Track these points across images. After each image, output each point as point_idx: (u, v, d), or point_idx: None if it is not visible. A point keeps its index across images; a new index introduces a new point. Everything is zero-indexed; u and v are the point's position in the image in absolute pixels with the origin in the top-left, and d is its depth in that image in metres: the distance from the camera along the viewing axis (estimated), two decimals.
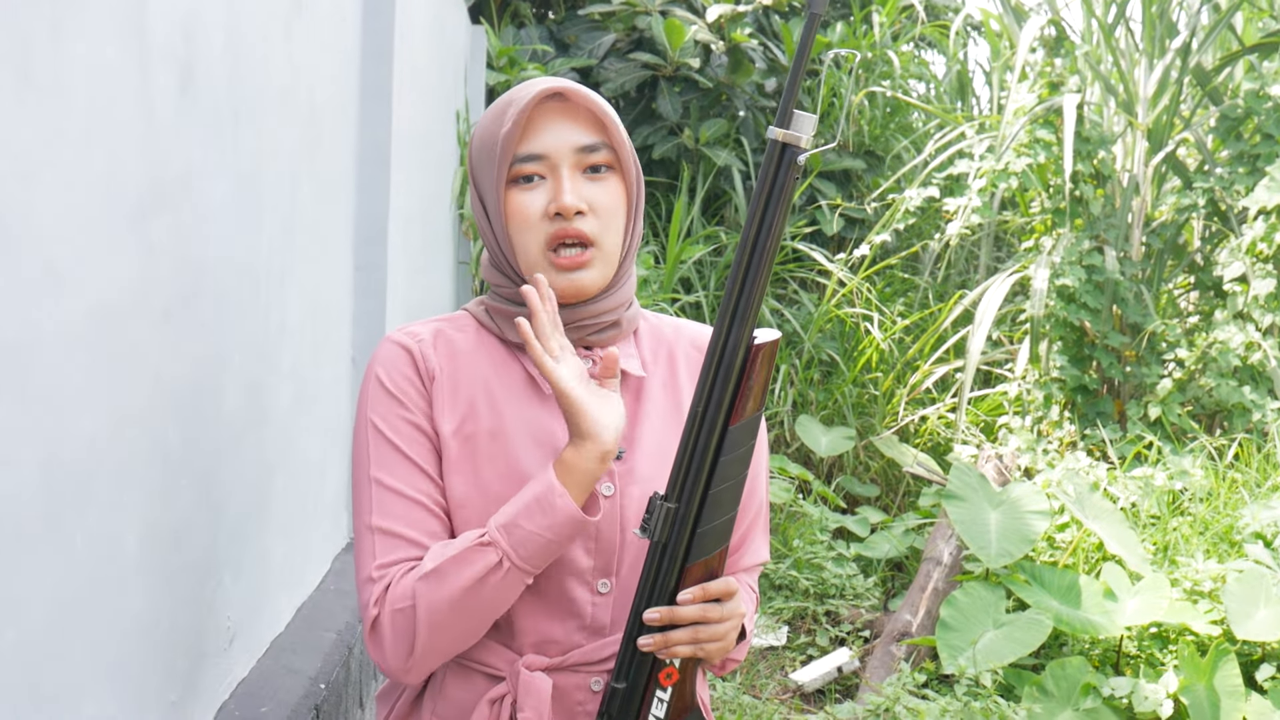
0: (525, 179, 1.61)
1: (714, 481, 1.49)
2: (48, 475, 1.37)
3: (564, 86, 1.61)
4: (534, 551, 1.52)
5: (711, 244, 6.40)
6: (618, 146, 1.63)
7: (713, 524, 1.50)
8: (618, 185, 1.64)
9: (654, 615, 1.50)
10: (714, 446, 1.49)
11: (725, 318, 1.47)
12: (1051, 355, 5.66)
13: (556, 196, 1.60)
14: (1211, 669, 3.87)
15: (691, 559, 1.50)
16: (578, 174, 1.62)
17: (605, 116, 1.62)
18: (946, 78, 8.06)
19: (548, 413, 1.64)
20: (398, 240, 3.42)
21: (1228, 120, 5.60)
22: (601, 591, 1.63)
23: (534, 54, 6.36)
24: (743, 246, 1.46)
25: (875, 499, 5.80)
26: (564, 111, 1.62)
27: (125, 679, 1.64)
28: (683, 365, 1.74)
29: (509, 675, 1.61)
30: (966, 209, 5.73)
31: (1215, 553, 4.48)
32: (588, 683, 1.62)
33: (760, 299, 1.46)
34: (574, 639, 1.63)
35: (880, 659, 4.31)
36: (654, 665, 1.52)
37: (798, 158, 1.43)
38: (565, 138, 1.61)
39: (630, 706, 1.52)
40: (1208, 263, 5.94)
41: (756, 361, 1.47)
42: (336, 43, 2.89)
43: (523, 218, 1.61)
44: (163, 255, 1.70)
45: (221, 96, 1.96)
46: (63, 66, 1.36)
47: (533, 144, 1.61)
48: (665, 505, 1.49)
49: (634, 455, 1.65)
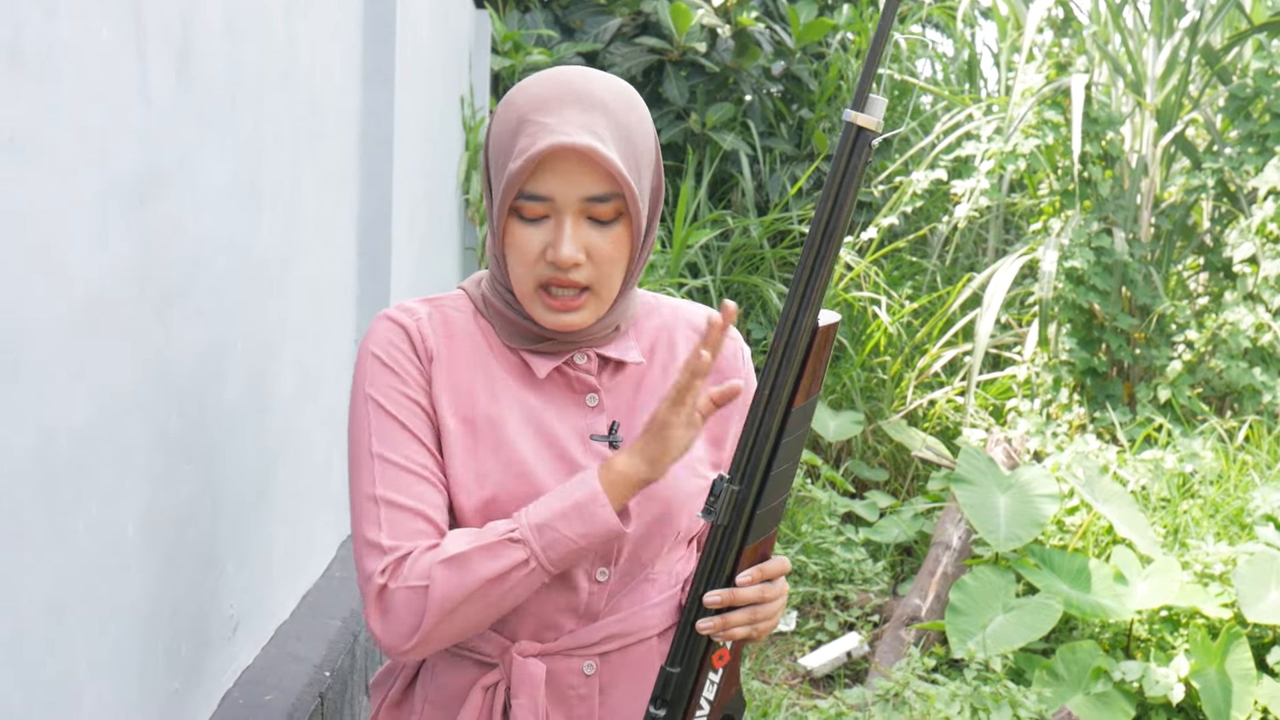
0: (529, 215, 1.54)
1: (775, 463, 1.48)
2: (46, 464, 1.36)
3: (584, 146, 1.50)
4: (563, 555, 1.51)
5: (718, 228, 6.38)
6: (629, 196, 1.53)
7: (770, 505, 1.50)
8: (623, 233, 1.56)
9: (715, 598, 1.50)
10: (777, 428, 1.47)
11: (795, 300, 1.45)
12: (1060, 338, 5.64)
13: (555, 244, 1.53)
14: (1223, 652, 3.85)
15: (749, 541, 1.50)
16: (581, 220, 1.54)
17: (620, 173, 1.52)
18: (954, 60, 8.03)
19: (542, 400, 1.62)
20: (402, 226, 3.41)
21: (1237, 100, 5.57)
22: (599, 580, 1.62)
23: (539, 39, 6.33)
24: (815, 229, 1.43)
25: (884, 483, 5.79)
26: (580, 160, 1.51)
27: (128, 667, 1.63)
28: (681, 349, 1.71)
29: (501, 662, 1.60)
30: (974, 191, 5.70)
31: (1226, 535, 4.46)
32: (580, 666, 1.62)
33: (828, 281, 1.45)
34: (567, 624, 1.62)
35: (889, 644, 4.30)
36: (708, 648, 1.52)
37: (873, 141, 1.42)
38: (575, 187, 1.52)
39: (684, 690, 1.52)
40: (1217, 244, 5.91)
41: (821, 343, 1.47)
42: (338, 26, 2.87)
43: (520, 252, 1.55)
44: (161, 242, 1.69)
45: (220, 81, 1.94)
46: (56, 50, 1.34)
47: (539, 184, 1.52)
48: (730, 488, 1.48)
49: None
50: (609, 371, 1.66)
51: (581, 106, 1.53)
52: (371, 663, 2.76)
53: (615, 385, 1.66)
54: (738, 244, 6.40)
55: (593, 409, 1.64)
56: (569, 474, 1.59)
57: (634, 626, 1.65)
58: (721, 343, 1.50)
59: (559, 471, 1.59)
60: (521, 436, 1.60)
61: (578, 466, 1.60)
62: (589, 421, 1.63)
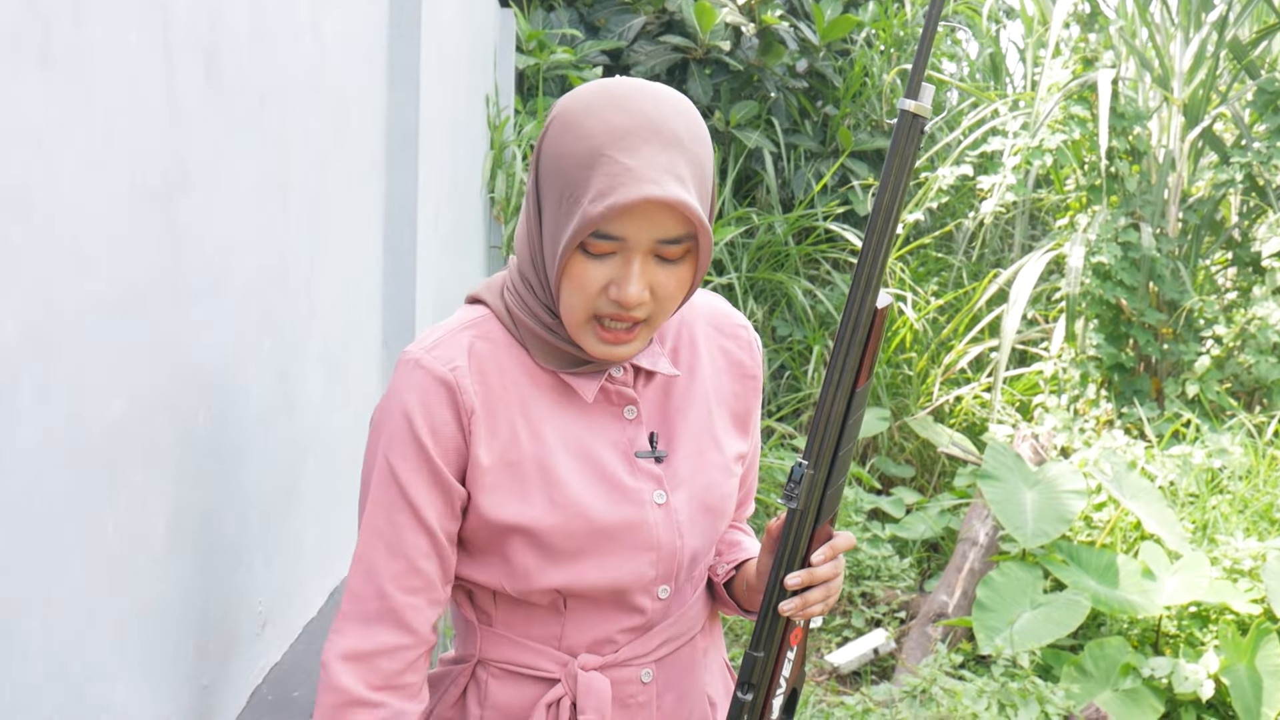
0: (596, 252, 1.49)
1: (842, 443, 1.52)
2: (77, 461, 1.37)
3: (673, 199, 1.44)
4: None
5: (743, 225, 6.38)
6: (701, 234, 1.49)
7: (837, 485, 1.54)
8: (688, 270, 1.52)
9: (796, 580, 1.54)
10: (844, 409, 1.51)
11: (859, 284, 1.47)
12: (1088, 333, 5.62)
13: (621, 284, 1.48)
14: (1253, 649, 3.84)
15: (820, 521, 1.54)
16: (650, 259, 1.49)
17: (697, 216, 1.46)
18: (979, 56, 8.00)
19: (582, 421, 1.60)
20: (427, 224, 3.42)
21: (1265, 94, 5.54)
22: (661, 597, 1.63)
23: (563, 37, 6.34)
24: (875, 213, 1.46)
25: (910, 480, 5.78)
26: (662, 206, 1.45)
27: (158, 663, 1.64)
28: (704, 348, 1.71)
29: (564, 677, 1.60)
30: (1001, 187, 5.69)
31: (1255, 531, 4.44)
32: (638, 675, 1.63)
33: (886, 264, 1.48)
34: (626, 637, 1.63)
35: (916, 640, 4.29)
36: (786, 628, 1.57)
37: (924, 127, 1.45)
38: (650, 230, 1.47)
39: (767, 671, 1.57)
40: (1245, 238, 5.87)
41: (880, 325, 1.51)
42: (364, 26, 2.88)
43: (580, 285, 1.50)
44: (189, 240, 1.70)
45: (247, 81, 1.95)
46: (84, 51, 1.36)
47: (614, 227, 1.46)
48: (809, 473, 1.52)
49: (675, 458, 1.63)
50: (641, 380, 1.65)
51: (661, 143, 1.46)
52: None
53: (648, 394, 1.65)
54: (762, 241, 6.40)
55: (631, 421, 1.62)
56: (618, 499, 1.58)
57: (683, 629, 1.67)
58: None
59: (609, 498, 1.58)
60: (570, 471, 1.57)
61: (626, 489, 1.59)
62: (629, 435, 1.62)
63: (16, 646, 1.25)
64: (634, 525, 1.58)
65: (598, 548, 1.57)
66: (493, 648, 1.62)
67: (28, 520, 1.26)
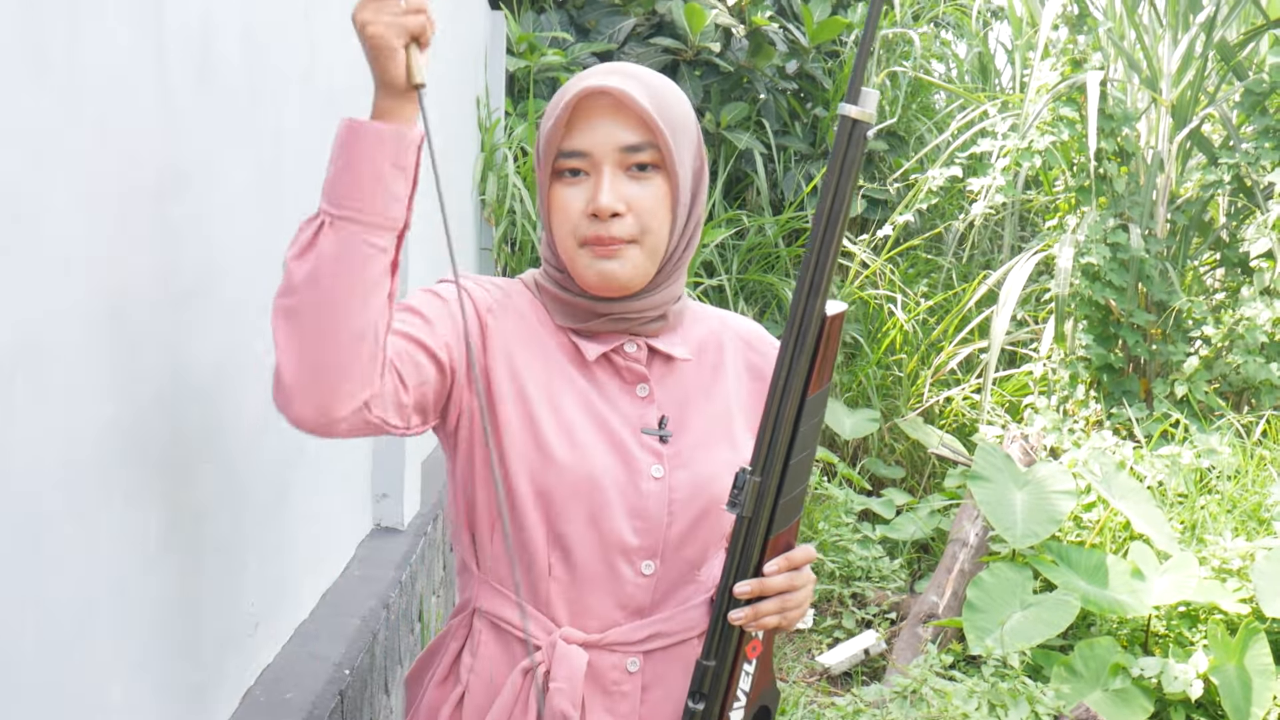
0: (570, 173, 1.61)
1: (794, 451, 1.50)
2: (71, 462, 1.37)
3: (610, 86, 1.58)
4: (344, 188, 1.43)
5: (734, 227, 6.38)
6: (664, 145, 1.59)
7: (792, 494, 1.52)
8: (662, 185, 1.61)
9: (745, 588, 1.51)
10: (794, 417, 1.49)
11: (803, 290, 1.47)
12: (1077, 334, 5.64)
13: (594, 195, 1.58)
14: (1242, 648, 3.85)
15: (773, 531, 1.52)
16: (620, 172, 1.60)
17: (651, 117, 1.58)
18: (968, 57, 8.02)
19: (594, 386, 1.65)
20: (419, 224, 3.42)
21: (1253, 95, 5.56)
22: (645, 573, 1.64)
23: (554, 40, 6.34)
24: (818, 220, 1.46)
25: (900, 481, 5.79)
26: (611, 109, 1.59)
27: (152, 664, 1.64)
28: (730, 356, 1.74)
29: (545, 645, 1.62)
30: (990, 188, 5.70)
31: (1243, 530, 4.45)
32: (624, 663, 1.64)
33: (833, 270, 1.48)
34: (613, 616, 1.63)
35: (907, 641, 4.30)
36: (740, 639, 1.54)
37: (866, 132, 1.45)
38: (609, 136, 1.59)
39: (720, 682, 1.54)
40: (1233, 239, 5.90)
41: (831, 332, 1.49)
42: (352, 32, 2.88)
43: (563, 212, 1.61)
44: (182, 242, 1.70)
45: (240, 82, 1.95)
46: (78, 54, 1.36)
47: (576, 140, 1.59)
48: (753, 479, 1.50)
49: (681, 440, 1.66)
50: (658, 364, 1.69)
51: (616, 71, 1.61)
52: (391, 661, 2.78)
53: (664, 380, 1.69)
54: (753, 243, 6.41)
55: (643, 399, 1.66)
56: (624, 465, 1.62)
57: (679, 625, 1.67)
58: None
59: (615, 463, 1.62)
60: (580, 419, 1.62)
61: (632, 457, 1.62)
62: (640, 412, 1.66)
63: (13, 648, 1.25)
64: (625, 490, 1.61)
65: (590, 500, 1.60)
66: (488, 598, 1.65)
67: (23, 522, 1.26)
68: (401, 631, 2.92)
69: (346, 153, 1.44)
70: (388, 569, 2.90)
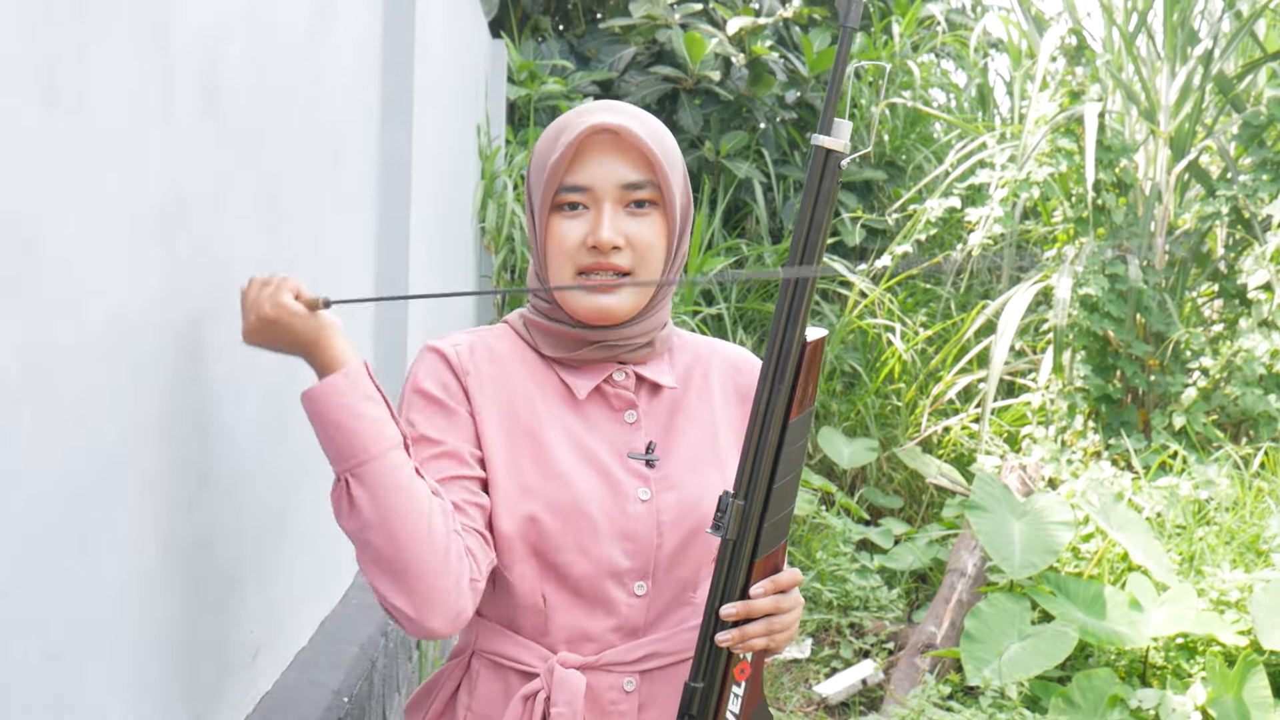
0: (569, 206, 1.65)
1: (777, 475, 1.54)
2: (74, 488, 1.38)
3: (616, 124, 1.63)
4: (340, 447, 1.56)
5: (733, 255, 6.40)
6: (663, 183, 1.66)
7: (777, 518, 1.56)
8: (659, 221, 1.67)
9: (731, 610, 1.54)
10: (777, 441, 1.53)
11: (781, 318, 1.52)
12: (1075, 365, 5.64)
13: (595, 230, 1.63)
14: (1240, 680, 3.85)
15: (759, 554, 1.55)
16: (619, 209, 1.65)
17: (653, 155, 1.64)
18: (967, 88, 8.06)
19: (582, 419, 1.68)
20: (419, 254, 3.43)
21: (1250, 127, 5.59)
22: (638, 594, 1.66)
23: (554, 68, 6.37)
24: (794, 248, 1.50)
25: (899, 510, 5.79)
26: (613, 145, 1.64)
27: (149, 691, 1.64)
28: (716, 381, 1.78)
29: (543, 672, 1.64)
30: (988, 219, 5.72)
31: (1242, 562, 4.45)
32: (621, 683, 1.66)
33: (811, 297, 1.52)
34: (608, 639, 1.66)
35: (904, 671, 4.30)
36: (728, 661, 1.56)
37: (840, 162, 1.49)
38: (611, 172, 1.64)
39: (709, 704, 1.57)
40: (1231, 270, 5.91)
41: (811, 357, 1.53)
42: (358, 58, 2.90)
43: (561, 245, 1.65)
44: (187, 269, 1.71)
45: (244, 112, 1.97)
46: (88, 85, 1.37)
47: (579, 175, 1.64)
48: (736, 502, 1.54)
49: (669, 464, 1.69)
50: (646, 391, 1.72)
51: (616, 110, 1.67)
52: (389, 689, 2.77)
53: (652, 407, 1.72)
54: (754, 269, 6.42)
55: (631, 425, 1.70)
56: (610, 490, 1.65)
57: (675, 646, 1.69)
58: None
59: (600, 487, 1.65)
60: (562, 450, 1.65)
61: (618, 482, 1.65)
62: (628, 438, 1.69)
63: (16, 673, 1.25)
64: (612, 514, 1.64)
65: (577, 527, 1.63)
66: (486, 639, 1.68)
67: (27, 547, 1.27)
68: (400, 659, 2.92)
69: (322, 419, 1.56)
70: None
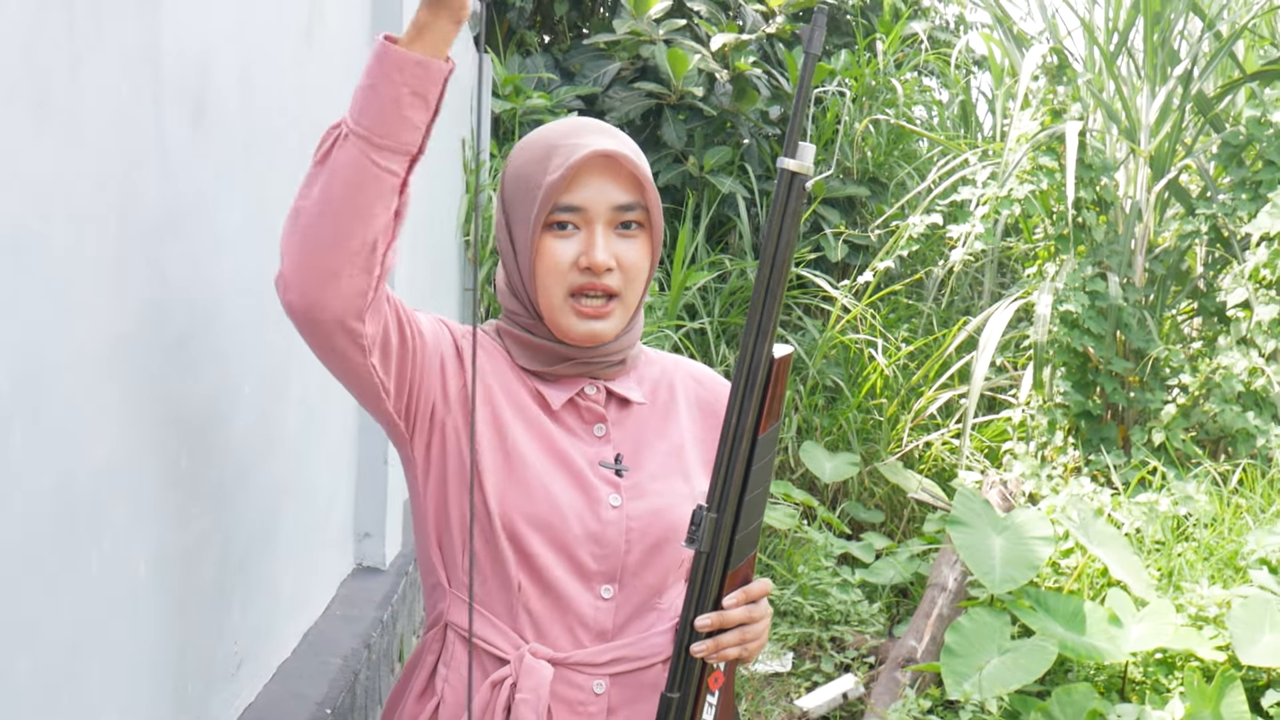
0: (560, 225, 1.67)
1: (748, 488, 1.57)
2: (62, 502, 1.39)
3: (613, 150, 1.66)
4: (364, 106, 1.50)
5: (716, 270, 6.42)
6: (651, 207, 1.70)
7: (748, 529, 1.59)
8: (645, 243, 1.72)
9: (705, 621, 1.58)
10: (747, 455, 1.56)
11: (751, 335, 1.55)
12: (1055, 381, 5.67)
13: (589, 251, 1.67)
14: (1218, 695, 3.87)
15: (731, 565, 1.58)
16: (610, 230, 1.68)
17: (645, 179, 1.69)
18: (949, 105, 8.10)
19: (556, 426, 1.72)
20: (403, 267, 3.44)
21: (1230, 147, 5.63)
22: (604, 597, 1.70)
23: (539, 82, 6.39)
24: (762, 269, 1.54)
25: (880, 525, 5.81)
26: (607, 168, 1.68)
27: (138, 704, 1.65)
28: (681, 395, 1.82)
29: (513, 659, 1.67)
30: (970, 235, 5.75)
31: (1220, 578, 4.48)
32: (590, 684, 1.69)
33: (778, 315, 1.55)
34: (578, 638, 1.70)
35: (885, 685, 4.31)
36: (703, 671, 1.60)
37: (806, 184, 1.52)
38: (605, 195, 1.68)
39: (684, 714, 1.59)
40: (1211, 288, 5.95)
41: (778, 373, 1.56)
42: (345, 72, 2.91)
43: (553, 264, 1.68)
44: (176, 284, 1.72)
45: (234, 127, 1.98)
46: (79, 100, 1.38)
47: (574, 196, 1.67)
48: (710, 516, 1.56)
49: (638, 475, 1.73)
50: (615, 406, 1.76)
51: (605, 132, 1.70)
52: (372, 701, 2.78)
53: (620, 421, 1.76)
54: (735, 286, 6.44)
55: (600, 439, 1.74)
56: (583, 493, 1.68)
57: (643, 651, 1.72)
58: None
59: (574, 484, 1.69)
60: (534, 453, 1.69)
61: (591, 486, 1.69)
62: (597, 450, 1.73)
63: (6, 686, 1.26)
64: (582, 514, 1.68)
65: (548, 521, 1.67)
66: (458, 613, 1.70)
67: (17, 561, 1.28)
68: (382, 671, 2.93)
69: (372, 72, 1.50)
70: (369, 609, 2.91)
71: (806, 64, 1.50)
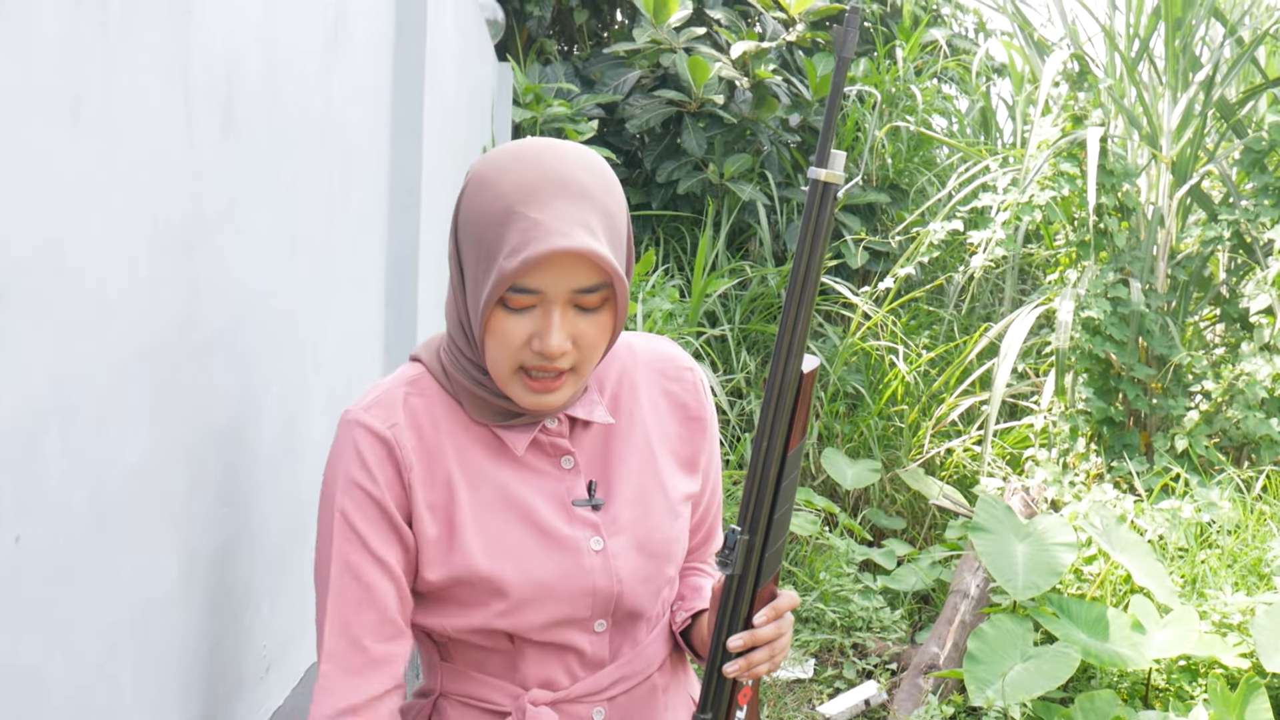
0: (514, 303, 1.55)
1: (777, 506, 1.54)
2: (98, 507, 1.40)
3: (579, 248, 1.50)
4: None
5: (736, 277, 6.43)
6: (616, 282, 1.55)
7: (775, 547, 1.56)
8: (608, 318, 1.59)
9: (738, 642, 1.56)
10: (775, 474, 1.53)
11: (781, 351, 1.50)
12: (1077, 387, 5.66)
13: (543, 335, 1.54)
14: (1242, 703, 3.86)
15: (760, 583, 1.56)
16: (569, 310, 1.55)
17: (610, 266, 1.53)
18: (970, 112, 8.10)
19: (518, 475, 1.66)
20: (428, 275, 3.46)
21: (1252, 153, 5.62)
22: (598, 631, 1.68)
23: (559, 91, 6.41)
24: (793, 279, 1.49)
25: (901, 531, 5.80)
26: (574, 257, 1.52)
27: (170, 705, 1.66)
28: (644, 392, 1.75)
29: (514, 711, 1.65)
30: (990, 242, 5.75)
31: (1244, 585, 4.47)
32: (590, 713, 1.68)
33: (807, 329, 1.51)
34: (576, 674, 1.68)
35: (907, 692, 4.31)
36: (733, 689, 1.59)
37: (837, 193, 1.48)
38: (565, 279, 1.53)
39: None
40: (1233, 295, 5.94)
41: (805, 387, 1.53)
42: (369, 81, 2.93)
43: (503, 339, 1.56)
44: (206, 290, 1.74)
45: (260, 135, 1.99)
46: (113, 107, 1.40)
47: (530, 280, 1.52)
48: (743, 538, 1.53)
49: (614, 505, 1.68)
50: (579, 429, 1.69)
51: (570, 196, 1.52)
52: None
53: (587, 442, 1.69)
54: (755, 293, 6.45)
55: (569, 471, 1.68)
56: (562, 550, 1.64)
57: (639, 666, 1.71)
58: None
59: (544, 549, 1.64)
60: (502, 524, 1.64)
61: (561, 538, 1.64)
62: (567, 485, 1.67)
63: (42, 686, 1.27)
64: (570, 573, 1.63)
65: (534, 596, 1.62)
66: (452, 682, 1.69)
67: (53, 563, 1.29)
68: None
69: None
70: None
71: (839, 67, 1.45)
